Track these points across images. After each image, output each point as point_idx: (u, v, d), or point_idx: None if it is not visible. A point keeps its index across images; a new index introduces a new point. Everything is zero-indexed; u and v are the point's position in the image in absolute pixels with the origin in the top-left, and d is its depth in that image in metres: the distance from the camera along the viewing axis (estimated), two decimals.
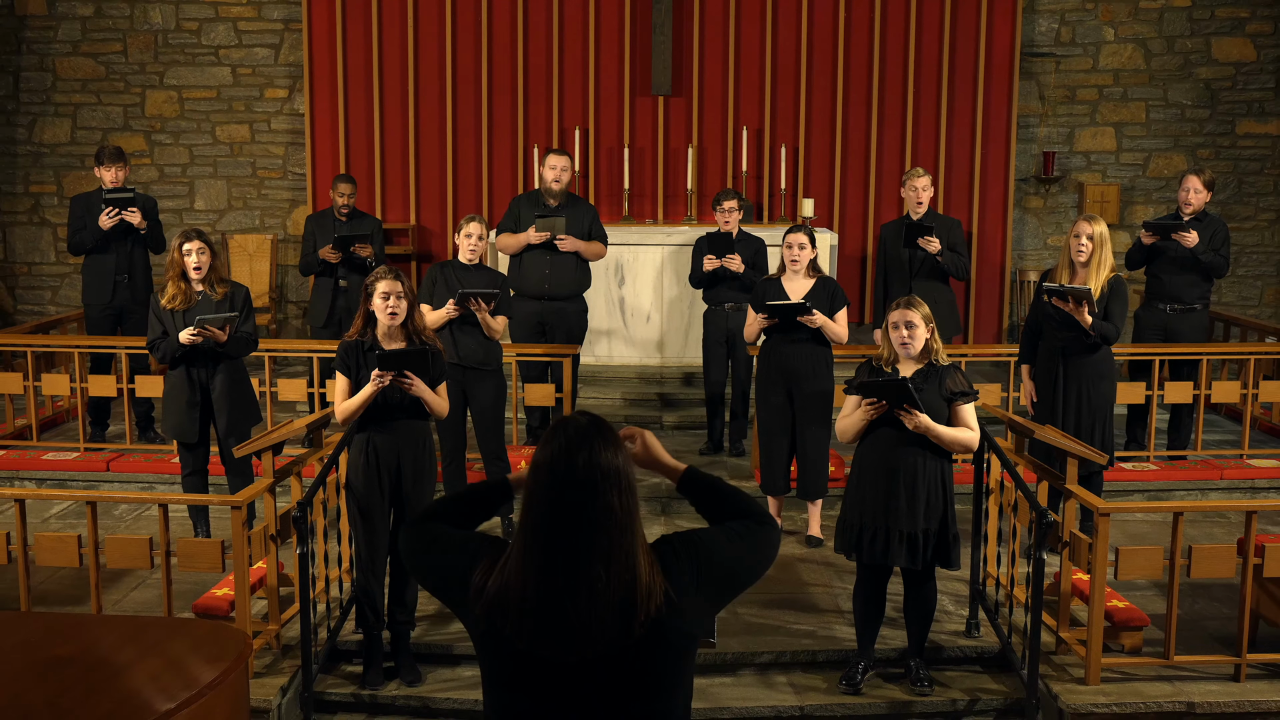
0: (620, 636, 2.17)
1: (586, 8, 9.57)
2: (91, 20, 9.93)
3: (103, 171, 7.29)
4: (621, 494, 2.21)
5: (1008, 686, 4.84)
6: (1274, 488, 7.03)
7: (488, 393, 6.02)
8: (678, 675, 2.26)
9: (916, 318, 4.63)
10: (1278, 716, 4.62)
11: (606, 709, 2.21)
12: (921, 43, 9.58)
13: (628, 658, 2.19)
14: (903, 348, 4.66)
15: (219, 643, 3.44)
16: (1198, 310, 7.19)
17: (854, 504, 4.72)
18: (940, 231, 7.17)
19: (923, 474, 4.58)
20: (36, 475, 7.04)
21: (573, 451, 2.20)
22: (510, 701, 2.26)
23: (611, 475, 2.20)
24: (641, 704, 2.23)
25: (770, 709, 4.72)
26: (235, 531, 4.68)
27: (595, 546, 2.17)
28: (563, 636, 2.17)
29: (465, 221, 5.99)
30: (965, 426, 4.63)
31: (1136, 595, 5.49)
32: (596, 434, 2.23)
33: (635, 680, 2.21)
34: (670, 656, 2.23)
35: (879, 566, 4.71)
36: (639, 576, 2.18)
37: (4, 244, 10.21)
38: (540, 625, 2.17)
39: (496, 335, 5.98)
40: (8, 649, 3.42)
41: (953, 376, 4.65)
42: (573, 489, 2.19)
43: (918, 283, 7.20)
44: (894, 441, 4.60)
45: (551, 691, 2.21)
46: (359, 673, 4.89)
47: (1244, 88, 9.95)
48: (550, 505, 2.20)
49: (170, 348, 5.75)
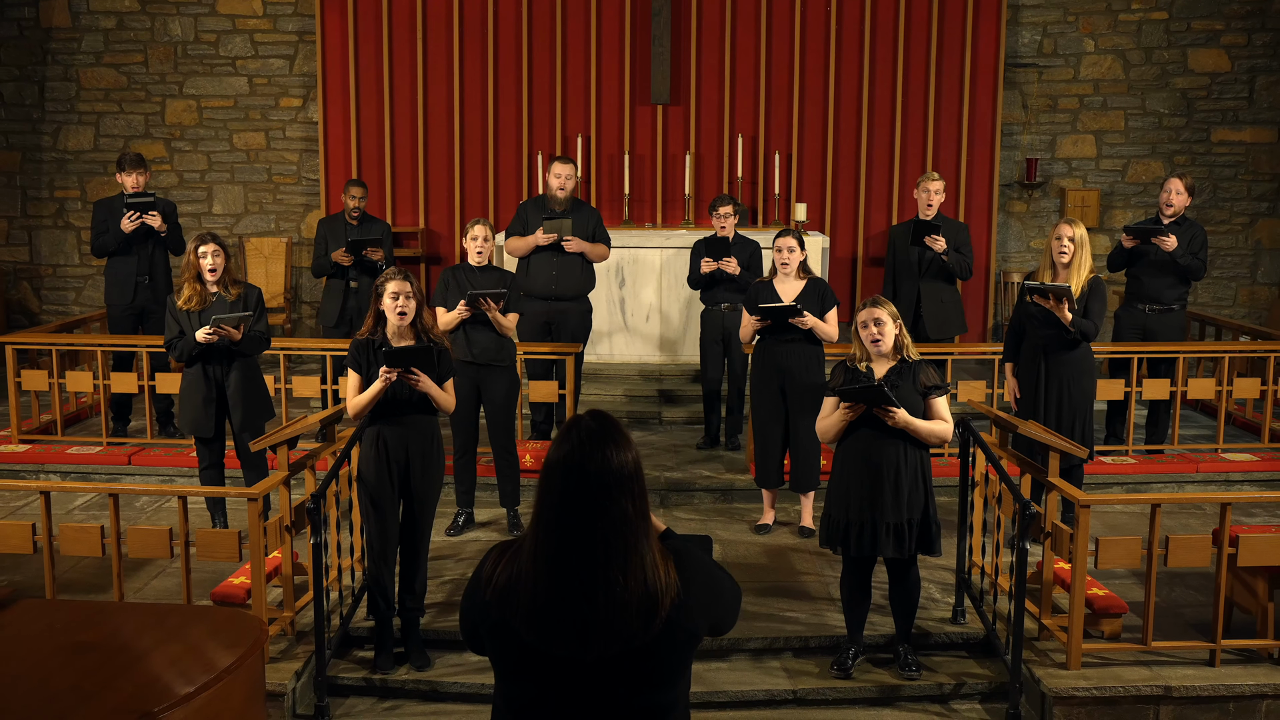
0: (640, 635, 2.13)
1: (588, 21, 9.57)
2: (114, 32, 9.93)
3: (125, 177, 7.29)
4: (635, 499, 2.16)
5: (992, 671, 4.85)
6: (1248, 480, 7.03)
7: (501, 388, 6.02)
8: (683, 667, 2.23)
9: (884, 315, 4.63)
10: (1251, 700, 4.62)
11: (614, 699, 2.17)
12: (909, 54, 9.58)
13: (640, 653, 2.15)
14: (874, 345, 4.65)
15: (236, 629, 3.44)
16: (1175, 310, 7.19)
17: (838, 500, 4.71)
18: (948, 233, 7.19)
19: (905, 466, 4.59)
20: (61, 468, 7.03)
21: (585, 455, 2.15)
22: (519, 692, 2.22)
23: (624, 480, 2.15)
24: (648, 695, 2.19)
25: (764, 693, 4.73)
26: (252, 522, 4.68)
27: (611, 552, 2.12)
28: (579, 636, 2.13)
29: (471, 225, 6.00)
30: (939, 419, 4.64)
31: (1116, 583, 5.49)
32: (607, 436, 2.18)
33: (644, 673, 2.17)
34: (679, 651, 2.20)
35: (864, 558, 4.71)
36: (657, 577, 2.14)
37: (30, 247, 10.21)
38: (553, 625, 2.13)
39: (508, 332, 5.97)
40: (35, 635, 3.43)
41: (925, 371, 4.65)
42: (585, 493, 2.13)
43: (925, 282, 7.24)
44: (874, 438, 4.60)
45: (561, 682, 2.17)
46: (370, 658, 4.90)
47: (1219, 97, 9.94)
48: (563, 508, 2.15)
49: (187, 346, 5.76)
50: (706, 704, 4.68)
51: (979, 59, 9.58)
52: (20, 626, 3.48)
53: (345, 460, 5.09)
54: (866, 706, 4.71)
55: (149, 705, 2.95)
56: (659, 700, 2.20)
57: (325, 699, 4.58)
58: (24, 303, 10.25)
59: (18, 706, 2.96)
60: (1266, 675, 4.68)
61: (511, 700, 2.24)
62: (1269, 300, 10.14)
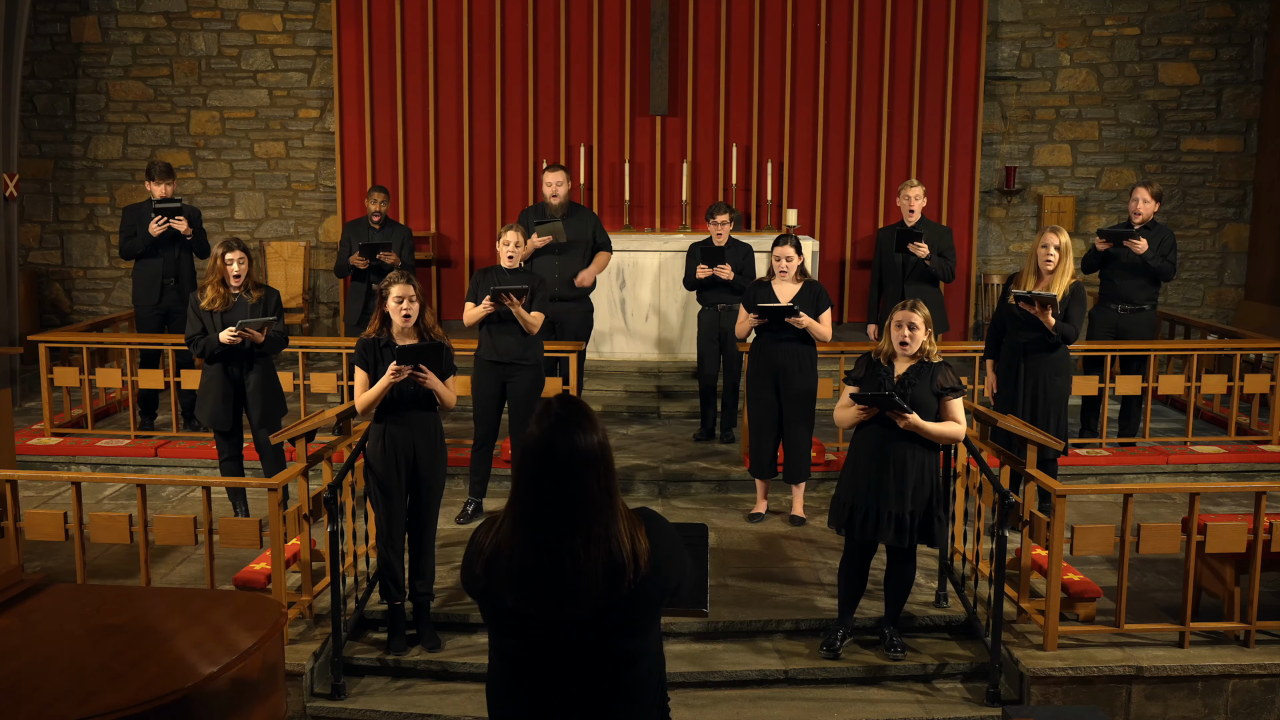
0: (606, 598, 2.24)
1: (590, 36, 9.56)
2: (141, 47, 9.91)
3: (152, 185, 7.28)
4: (599, 476, 2.24)
5: (973, 652, 4.84)
6: (1215, 471, 7.03)
7: (524, 385, 5.99)
8: (653, 619, 2.36)
9: (919, 320, 4.61)
10: (1219, 679, 4.62)
11: (589, 647, 2.29)
12: (895, 68, 9.57)
13: (612, 611, 2.26)
14: (902, 346, 4.63)
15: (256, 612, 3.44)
16: (1146, 311, 7.18)
17: (848, 485, 4.70)
18: (932, 238, 7.16)
19: (912, 463, 4.56)
20: (91, 460, 7.03)
21: (554, 437, 2.23)
22: (507, 646, 2.35)
23: (589, 459, 2.23)
24: (621, 642, 2.30)
25: (757, 672, 4.72)
26: (272, 511, 4.68)
27: (576, 525, 2.22)
28: (550, 600, 2.24)
29: (503, 230, 6.01)
30: (952, 419, 4.60)
31: (1090, 569, 5.49)
32: (573, 419, 2.25)
33: (617, 625, 2.28)
34: (650, 607, 2.31)
35: (866, 543, 4.71)
36: (621, 547, 2.23)
37: (62, 250, 10.20)
38: (529, 590, 2.24)
39: (533, 330, 5.95)
40: (66, 617, 3.42)
41: (943, 373, 4.62)
42: (553, 471, 2.22)
43: (909, 285, 7.20)
44: (887, 433, 4.58)
45: (542, 636, 2.29)
46: (384, 640, 4.89)
47: (1188, 108, 9.93)
48: (534, 485, 2.24)
49: (210, 345, 5.76)
50: (703, 684, 4.68)
51: (960, 72, 9.57)
52: (52, 610, 3.47)
53: (360, 452, 5.08)
54: (854, 685, 4.70)
55: (175, 684, 2.94)
56: (631, 647, 2.32)
57: (341, 679, 4.57)
58: (56, 303, 10.24)
59: (50, 685, 2.96)
60: (1233, 656, 4.68)
61: (502, 651, 2.37)
62: (1235, 301, 10.14)
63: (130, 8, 9.85)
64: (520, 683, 2.34)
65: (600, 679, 2.30)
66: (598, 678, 2.30)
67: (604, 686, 2.30)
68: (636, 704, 2.34)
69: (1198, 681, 4.62)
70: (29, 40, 8.88)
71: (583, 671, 2.29)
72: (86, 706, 2.83)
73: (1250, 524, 4.71)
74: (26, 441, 7.07)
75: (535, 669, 2.32)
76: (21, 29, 7.92)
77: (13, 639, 3.24)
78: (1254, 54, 9.83)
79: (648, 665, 2.36)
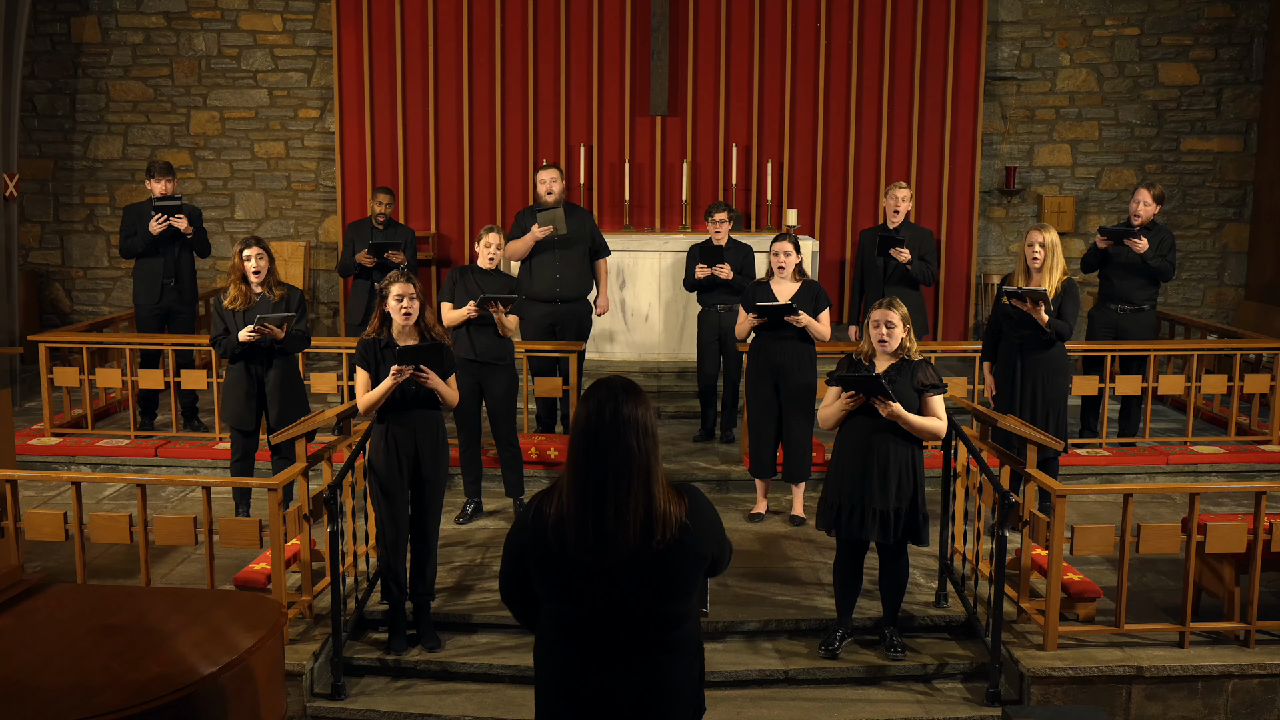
0: (643, 548, 2.53)
1: (590, 36, 9.56)
2: (141, 47, 9.91)
3: (152, 183, 7.27)
4: (640, 438, 2.55)
5: (973, 652, 4.84)
6: (1215, 471, 7.03)
7: (501, 385, 6.01)
8: (691, 584, 2.63)
9: (896, 318, 4.64)
10: (1219, 679, 4.62)
11: (635, 609, 2.58)
12: (895, 69, 9.57)
13: (653, 567, 2.55)
14: (880, 344, 4.66)
15: (257, 612, 3.43)
16: (1146, 310, 7.18)
17: (833, 484, 4.72)
18: (913, 241, 7.15)
19: (894, 458, 4.58)
20: (91, 460, 7.03)
21: (603, 405, 2.56)
22: (562, 610, 2.62)
23: (632, 423, 2.55)
24: (662, 605, 2.60)
25: (757, 672, 4.72)
26: (272, 511, 4.68)
27: (619, 479, 2.53)
28: (597, 546, 2.53)
29: (484, 232, 6.00)
30: (934, 416, 4.62)
31: (1090, 569, 5.49)
32: (624, 392, 2.58)
33: (657, 585, 2.57)
34: (686, 568, 2.59)
35: (856, 541, 4.71)
36: (656, 503, 2.54)
37: (62, 250, 10.20)
38: (580, 538, 2.54)
39: (510, 334, 5.98)
40: (67, 617, 3.42)
41: (924, 370, 4.64)
42: (602, 434, 2.54)
43: (889, 287, 7.18)
44: (870, 428, 4.60)
45: (593, 596, 2.57)
46: (385, 639, 4.89)
47: (1188, 108, 9.93)
48: (586, 448, 2.55)
49: (231, 344, 5.75)
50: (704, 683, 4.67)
51: (960, 73, 9.57)
52: (53, 610, 3.47)
53: (360, 452, 5.08)
54: (854, 685, 4.70)
55: (175, 684, 2.94)
56: (672, 610, 2.62)
57: (341, 678, 4.57)
58: (56, 303, 10.24)
59: (50, 684, 2.96)
60: (1233, 656, 4.68)
61: (557, 617, 2.64)
62: (1235, 301, 10.14)
63: (130, 8, 9.85)
64: (572, 643, 2.61)
65: (647, 641, 2.60)
66: (644, 642, 2.59)
67: (650, 646, 2.60)
68: (680, 661, 2.64)
69: (1198, 681, 4.62)
70: (29, 40, 8.88)
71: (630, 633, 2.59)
72: (86, 706, 2.83)
73: (1250, 524, 4.71)
74: (26, 441, 7.07)
75: (582, 628, 2.60)
76: (21, 29, 7.92)
77: (13, 639, 3.24)
78: (1254, 54, 9.83)
79: (688, 629, 2.67)
